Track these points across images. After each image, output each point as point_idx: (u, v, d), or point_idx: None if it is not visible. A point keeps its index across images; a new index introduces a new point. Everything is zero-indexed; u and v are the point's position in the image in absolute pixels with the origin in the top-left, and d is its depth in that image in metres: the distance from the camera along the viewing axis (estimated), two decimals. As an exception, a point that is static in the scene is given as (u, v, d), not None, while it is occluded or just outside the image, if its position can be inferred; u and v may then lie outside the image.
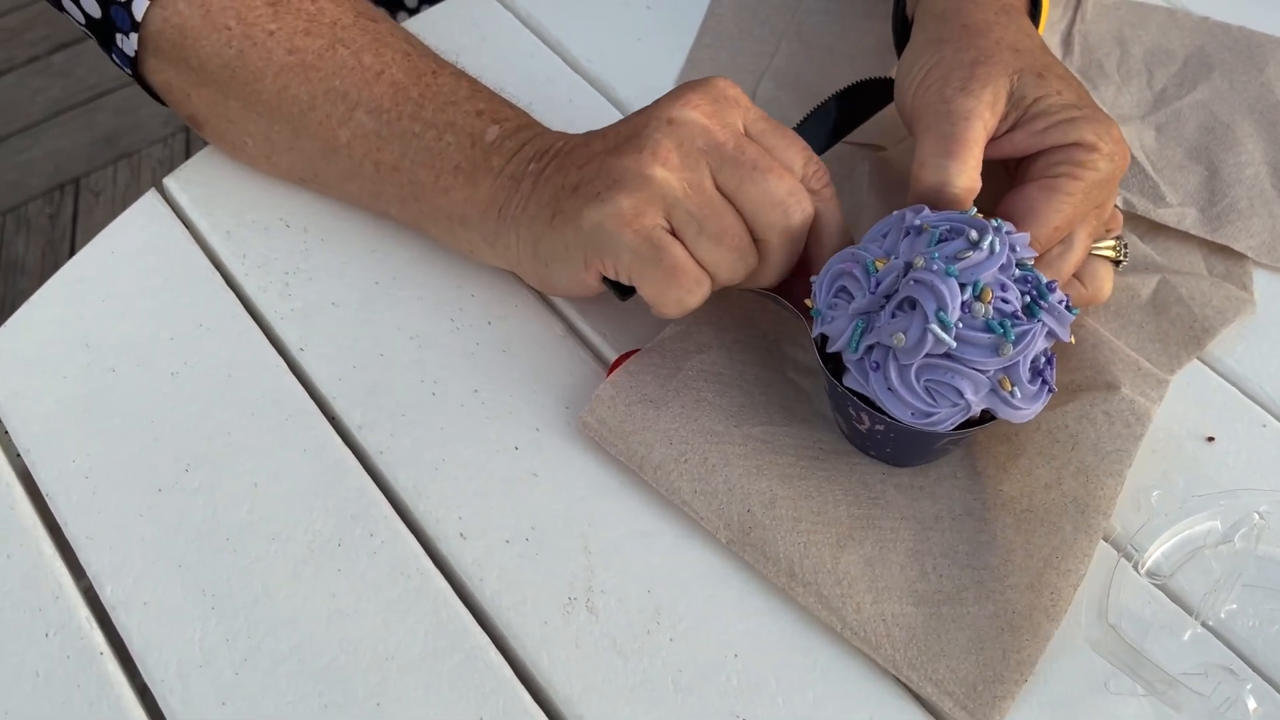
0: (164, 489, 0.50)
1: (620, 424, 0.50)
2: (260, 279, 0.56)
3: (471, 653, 0.46)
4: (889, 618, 0.46)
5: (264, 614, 0.47)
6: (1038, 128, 0.49)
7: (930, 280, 0.43)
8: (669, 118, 0.47)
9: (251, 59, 0.53)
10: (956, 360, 0.43)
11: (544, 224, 0.49)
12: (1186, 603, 0.47)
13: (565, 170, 0.49)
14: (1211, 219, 0.58)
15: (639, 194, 0.46)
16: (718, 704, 0.45)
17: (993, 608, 0.46)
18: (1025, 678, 0.45)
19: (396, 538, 0.49)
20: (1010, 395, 0.44)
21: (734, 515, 0.48)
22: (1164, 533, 0.48)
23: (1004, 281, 0.44)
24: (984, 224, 0.45)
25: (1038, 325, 0.44)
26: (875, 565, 0.47)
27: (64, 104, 1.80)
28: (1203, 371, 0.54)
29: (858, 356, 0.45)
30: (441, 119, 0.52)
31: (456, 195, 0.52)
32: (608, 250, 0.47)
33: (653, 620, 0.47)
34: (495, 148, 0.51)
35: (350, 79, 0.53)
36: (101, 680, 0.45)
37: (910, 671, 0.45)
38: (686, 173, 0.46)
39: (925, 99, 0.50)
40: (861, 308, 0.45)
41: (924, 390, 0.44)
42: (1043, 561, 0.47)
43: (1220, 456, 0.51)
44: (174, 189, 0.60)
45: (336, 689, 0.45)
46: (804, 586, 0.46)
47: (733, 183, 0.46)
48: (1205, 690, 0.42)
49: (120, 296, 0.56)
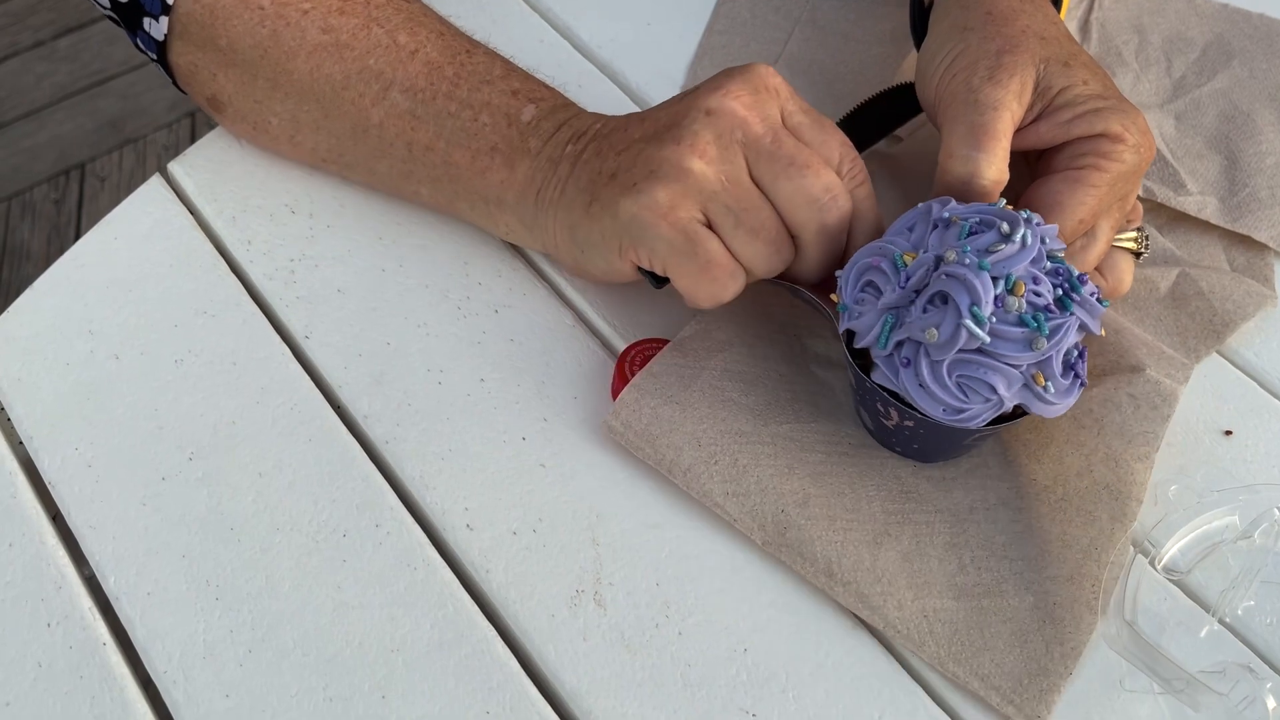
0: (167, 478, 0.49)
1: (646, 428, 0.49)
2: (265, 266, 0.56)
3: (478, 645, 0.45)
4: (930, 614, 0.45)
5: (268, 605, 0.46)
6: (1063, 118, 0.48)
7: (963, 274, 0.42)
8: (708, 108, 0.46)
9: (285, 38, 0.53)
10: (989, 355, 0.42)
11: (581, 211, 0.49)
12: (1204, 599, 0.46)
13: (603, 155, 0.49)
14: (1232, 208, 0.57)
15: (675, 186, 0.45)
16: (727, 699, 0.44)
17: (1033, 600, 0.45)
18: (1070, 670, 0.44)
19: (403, 529, 0.48)
20: (1044, 390, 0.43)
21: (768, 516, 0.47)
22: (1181, 528, 0.47)
23: (1036, 274, 0.43)
24: (1015, 216, 0.44)
25: (1070, 318, 0.43)
26: (913, 560, 0.46)
27: (69, 89, 1.79)
28: (1221, 365, 0.53)
29: (887, 352, 0.44)
30: (477, 98, 0.52)
31: (493, 177, 0.51)
32: (643, 242, 0.47)
33: (661, 614, 0.46)
34: (532, 128, 0.51)
35: (385, 58, 0.52)
36: (104, 671, 0.45)
37: (956, 667, 0.44)
38: (724, 165, 0.46)
39: (952, 88, 0.49)
40: (891, 303, 0.44)
41: (956, 386, 0.43)
42: (1081, 553, 0.46)
43: (1238, 450, 0.50)
44: (179, 174, 0.59)
45: (342, 681, 0.44)
46: (843, 586, 0.46)
47: (768, 177, 0.46)
48: (1223, 688, 0.41)
49: (124, 283, 0.55)
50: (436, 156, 0.52)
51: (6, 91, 1.79)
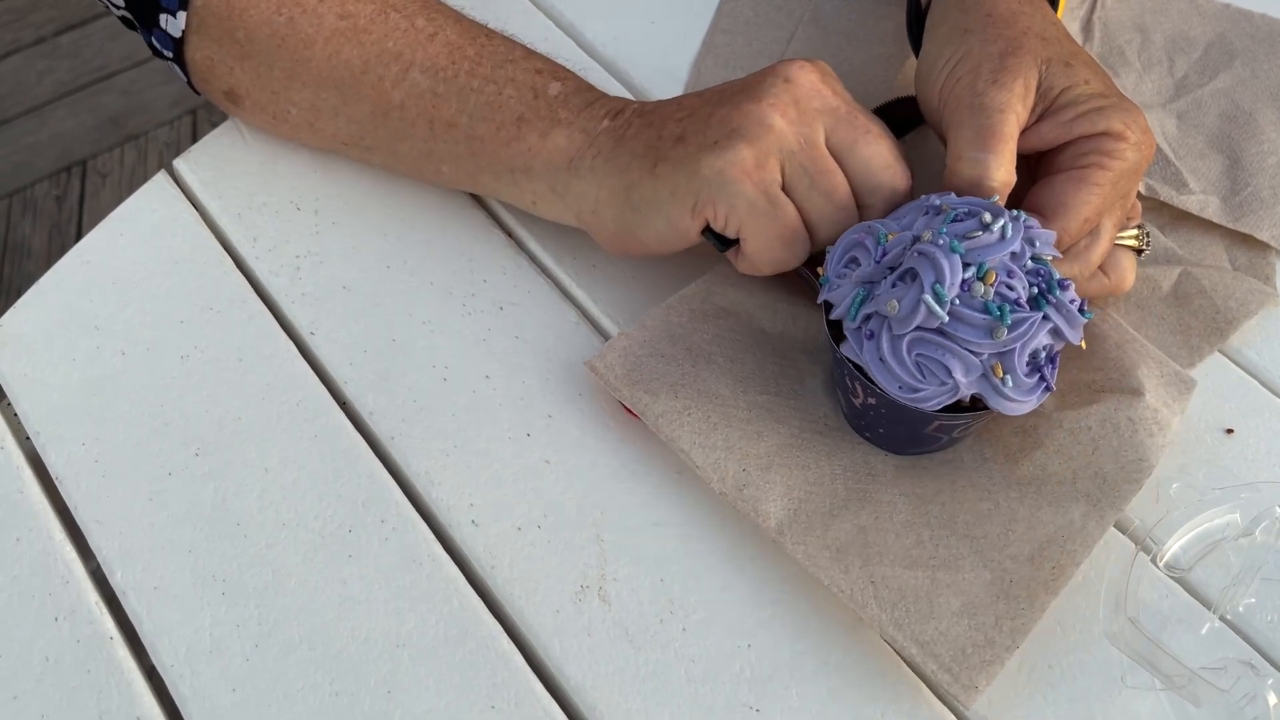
0: (174, 473, 0.49)
1: (628, 372, 0.50)
2: (271, 262, 0.56)
3: (483, 641, 0.46)
4: (878, 580, 0.45)
5: (274, 601, 0.46)
6: (1065, 118, 0.48)
7: (932, 253, 0.43)
8: (786, 76, 0.48)
9: (302, 26, 0.53)
10: (948, 337, 0.43)
11: (642, 172, 0.49)
12: (1205, 596, 0.47)
13: (659, 124, 0.49)
14: (1234, 208, 0.57)
15: (760, 143, 0.46)
16: (730, 695, 0.44)
17: (989, 576, 0.46)
18: (1017, 644, 0.44)
19: (408, 525, 0.48)
20: (1001, 383, 0.44)
21: (730, 470, 0.47)
22: (1183, 526, 0.47)
23: (1012, 269, 0.44)
24: (1000, 209, 0.45)
25: (1038, 316, 0.43)
26: (869, 533, 0.47)
27: (70, 86, 1.79)
28: (1222, 363, 0.53)
29: (855, 325, 0.45)
30: (500, 75, 0.52)
31: (520, 145, 0.52)
32: (724, 198, 0.47)
33: (665, 610, 0.46)
34: (561, 101, 0.52)
35: (404, 40, 0.53)
36: (111, 665, 0.45)
37: (895, 631, 0.44)
38: (803, 127, 0.47)
39: (956, 92, 0.49)
40: (865, 276, 0.45)
41: (914, 365, 0.44)
42: (1046, 538, 0.46)
43: (1240, 449, 0.51)
44: (184, 171, 0.59)
45: (347, 677, 0.45)
46: (793, 544, 0.46)
47: (847, 142, 0.48)
48: (1225, 685, 0.42)
49: (130, 279, 0.55)
50: (459, 132, 0.53)
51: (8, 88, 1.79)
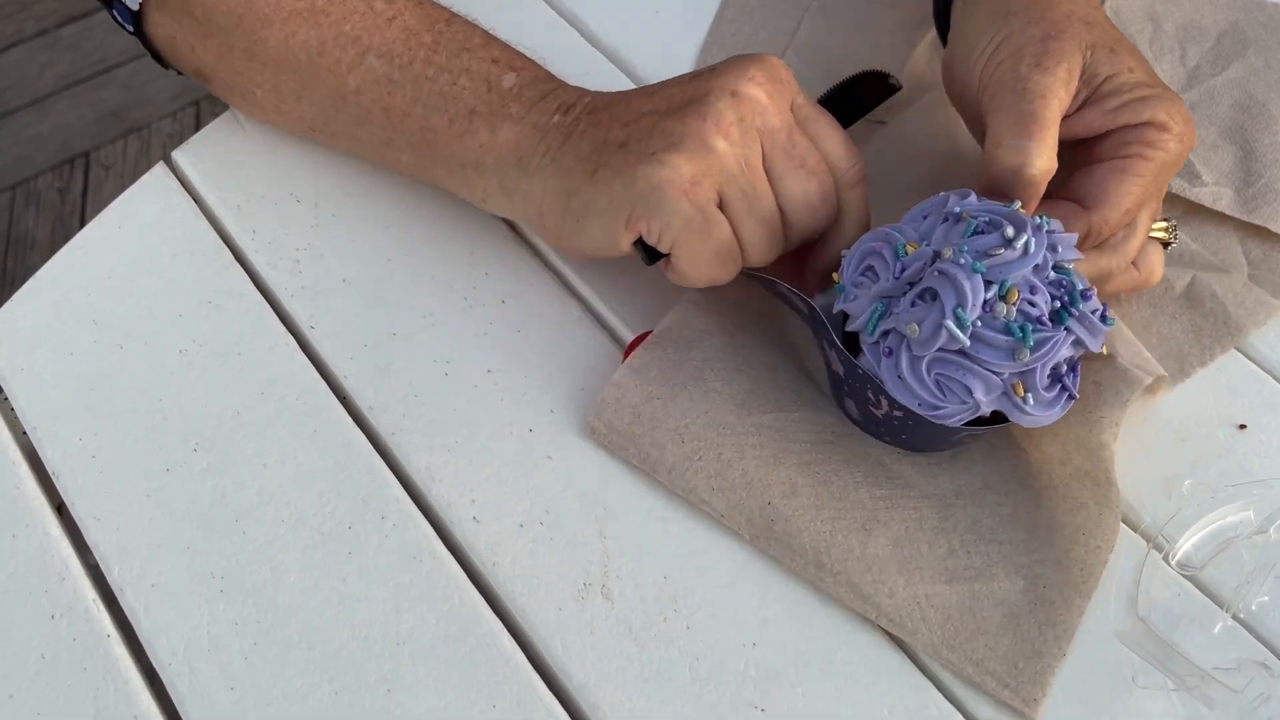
0: (172, 469, 0.49)
1: (628, 426, 0.49)
2: (270, 255, 0.55)
3: (484, 639, 0.45)
4: (923, 599, 0.45)
5: (273, 598, 0.46)
6: (1110, 106, 0.47)
7: (954, 274, 0.42)
8: (734, 90, 0.46)
9: (259, 6, 0.52)
10: (970, 359, 0.42)
11: (582, 178, 0.47)
12: (1218, 595, 0.46)
13: (607, 126, 0.48)
14: (1247, 200, 0.56)
15: (700, 162, 0.45)
16: (735, 694, 0.44)
17: (1023, 583, 0.45)
18: (1064, 651, 0.44)
19: (408, 521, 0.48)
20: (1022, 401, 0.43)
21: (755, 510, 0.47)
22: (1195, 523, 0.46)
23: (1034, 284, 0.43)
24: (1024, 220, 0.43)
25: (1062, 333, 0.42)
26: (903, 546, 0.46)
27: (72, 78, 1.79)
28: (1235, 358, 0.52)
29: (874, 339, 0.44)
30: (456, 64, 0.51)
31: (472, 140, 0.50)
32: (658, 213, 0.45)
33: (669, 607, 0.46)
34: (514, 95, 0.50)
35: (361, 23, 0.52)
36: (108, 663, 0.45)
37: (949, 654, 0.44)
38: (744, 149, 0.45)
39: (998, 76, 0.47)
40: (884, 290, 0.44)
41: (934, 384, 0.43)
42: (1069, 538, 0.46)
43: (1253, 444, 0.50)
44: (183, 163, 0.58)
45: (347, 675, 0.44)
46: (834, 576, 0.45)
47: (778, 171, 0.46)
48: (1238, 685, 0.41)
49: (128, 272, 0.55)
50: (414, 122, 0.51)
51: (10, 80, 1.78)
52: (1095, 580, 0.45)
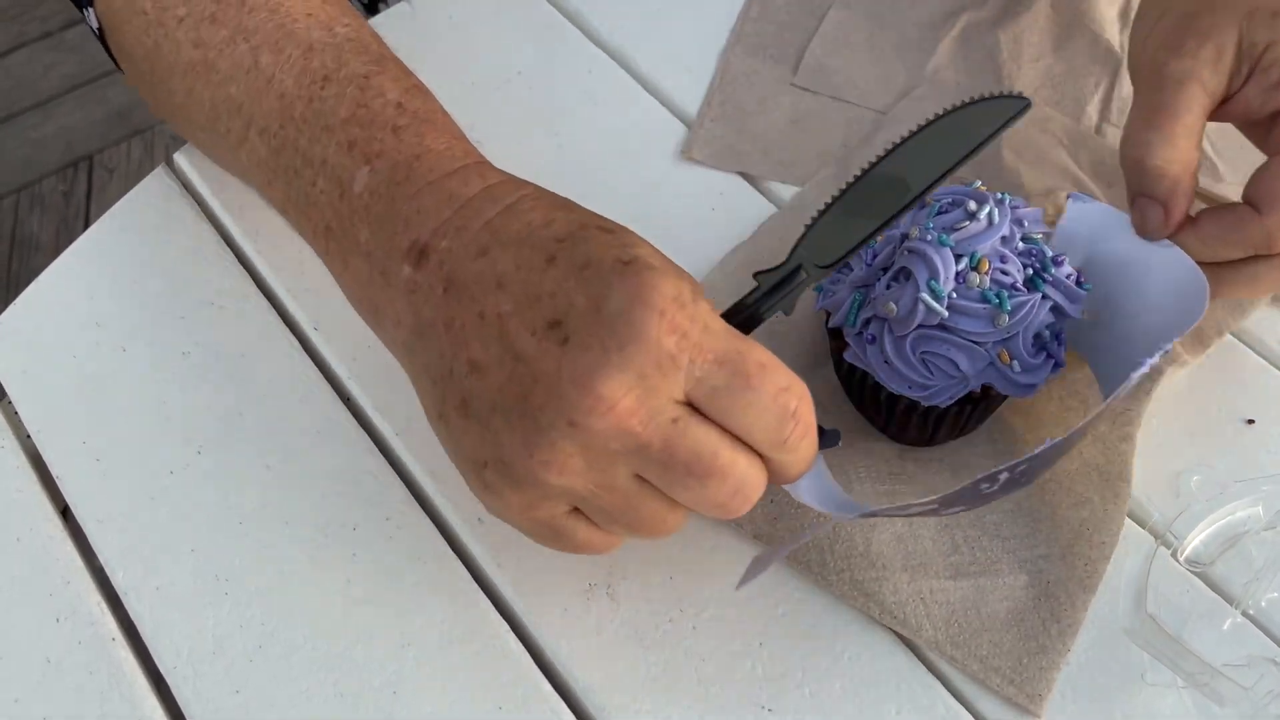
0: (176, 471, 0.49)
1: None
2: (273, 256, 0.55)
3: (490, 640, 0.45)
4: (927, 595, 0.45)
5: (278, 600, 0.46)
6: (1271, 80, 0.42)
7: (923, 250, 0.43)
8: (571, 419, 0.34)
9: (164, 52, 0.46)
10: (951, 331, 0.43)
11: (431, 409, 0.38)
12: (1227, 591, 0.46)
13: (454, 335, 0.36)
14: None
15: (529, 492, 0.36)
16: (742, 694, 0.43)
17: (1026, 578, 0.45)
18: (1069, 647, 0.44)
19: (413, 522, 0.48)
20: (1009, 369, 0.43)
21: (758, 508, 0.46)
22: (1204, 519, 0.46)
23: (1004, 253, 0.43)
24: (984, 195, 0.44)
25: (1038, 297, 0.43)
26: (907, 542, 0.46)
27: (77, 80, 1.79)
28: (1242, 353, 0.52)
29: (856, 330, 0.45)
30: (315, 153, 0.42)
31: (333, 266, 0.43)
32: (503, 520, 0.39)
33: (675, 608, 0.45)
34: (362, 208, 0.40)
35: (245, 85, 0.44)
36: (113, 666, 0.45)
37: (954, 650, 0.44)
38: (595, 474, 0.35)
39: (1140, 61, 0.44)
40: (859, 280, 0.45)
41: (920, 362, 0.43)
42: (1073, 533, 0.46)
43: (1261, 439, 0.49)
44: (184, 165, 0.58)
45: (352, 677, 0.44)
46: (837, 574, 0.45)
47: (662, 485, 0.36)
48: (1248, 682, 0.41)
49: (131, 275, 0.55)
50: (292, 223, 0.44)
51: (15, 82, 1.78)
52: (1100, 575, 0.45)
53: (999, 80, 0.61)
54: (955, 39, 0.64)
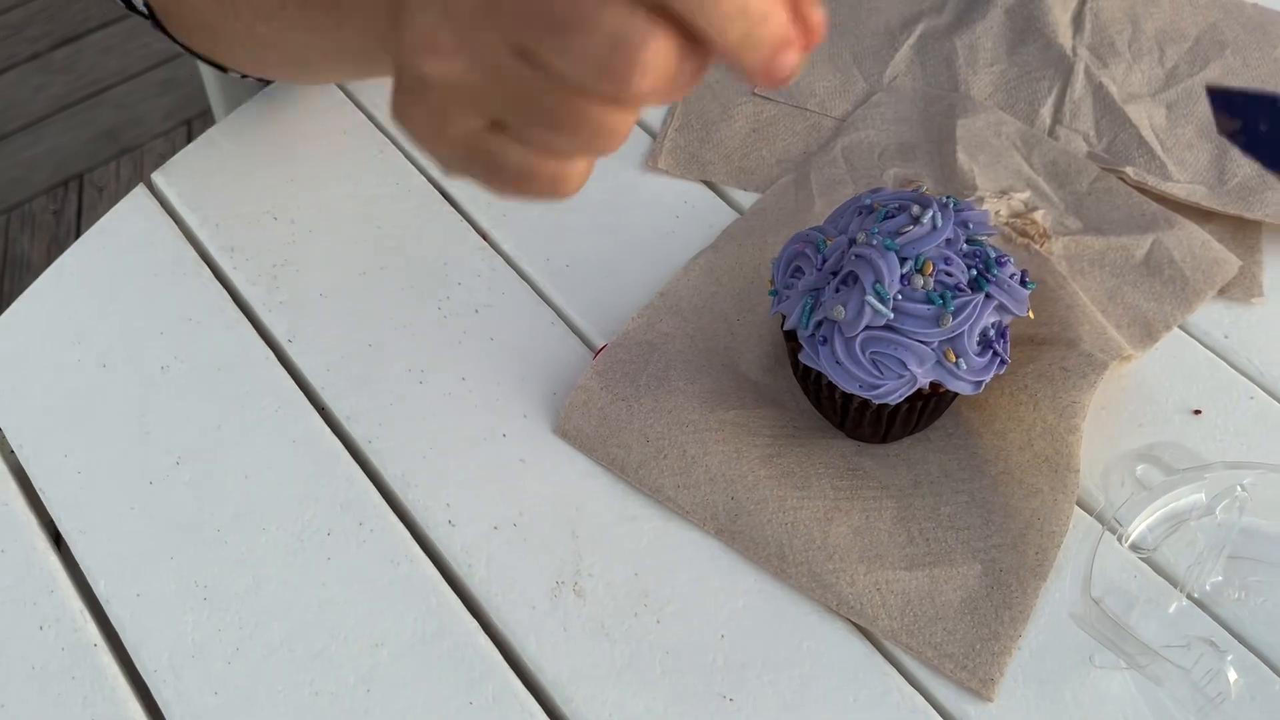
0: (155, 482, 0.50)
1: (596, 429, 0.50)
2: (249, 271, 0.57)
3: (461, 638, 0.46)
4: (883, 585, 0.46)
5: (255, 604, 0.47)
6: None
7: (869, 255, 0.44)
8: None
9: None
10: (898, 332, 0.44)
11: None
12: (1171, 575, 0.47)
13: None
14: (1220, 195, 0.58)
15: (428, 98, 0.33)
16: (705, 685, 0.45)
17: (980, 567, 0.47)
18: (1020, 633, 0.45)
19: (386, 526, 0.49)
20: (955, 366, 0.45)
21: (719, 504, 0.48)
22: (1148, 506, 0.47)
23: (948, 255, 0.45)
24: (928, 199, 0.46)
25: (980, 297, 0.44)
26: (864, 535, 0.47)
27: (65, 100, 1.81)
28: (1189, 344, 0.54)
29: (809, 333, 0.46)
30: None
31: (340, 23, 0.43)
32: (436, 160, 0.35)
33: (640, 603, 0.47)
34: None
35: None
36: (96, 672, 0.46)
37: (909, 639, 0.45)
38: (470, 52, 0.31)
39: None
40: (810, 285, 0.47)
41: (870, 362, 0.45)
42: (1024, 523, 0.47)
43: (1207, 429, 0.51)
44: (162, 184, 0.60)
45: (327, 677, 0.45)
46: (795, 567, 0.47)
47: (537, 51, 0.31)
48: (1187, 663, 0.42)
49: (110, 292, 0.56)
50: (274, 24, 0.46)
51: (4, 104, 1.80)
52: (1050, 563, 0.46)
53: (955, 86, 0.63)
54: (912, 46, 0.66)
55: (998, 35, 0.65)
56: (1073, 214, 0.57)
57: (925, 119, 0.61)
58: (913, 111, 0.62)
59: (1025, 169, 0.59)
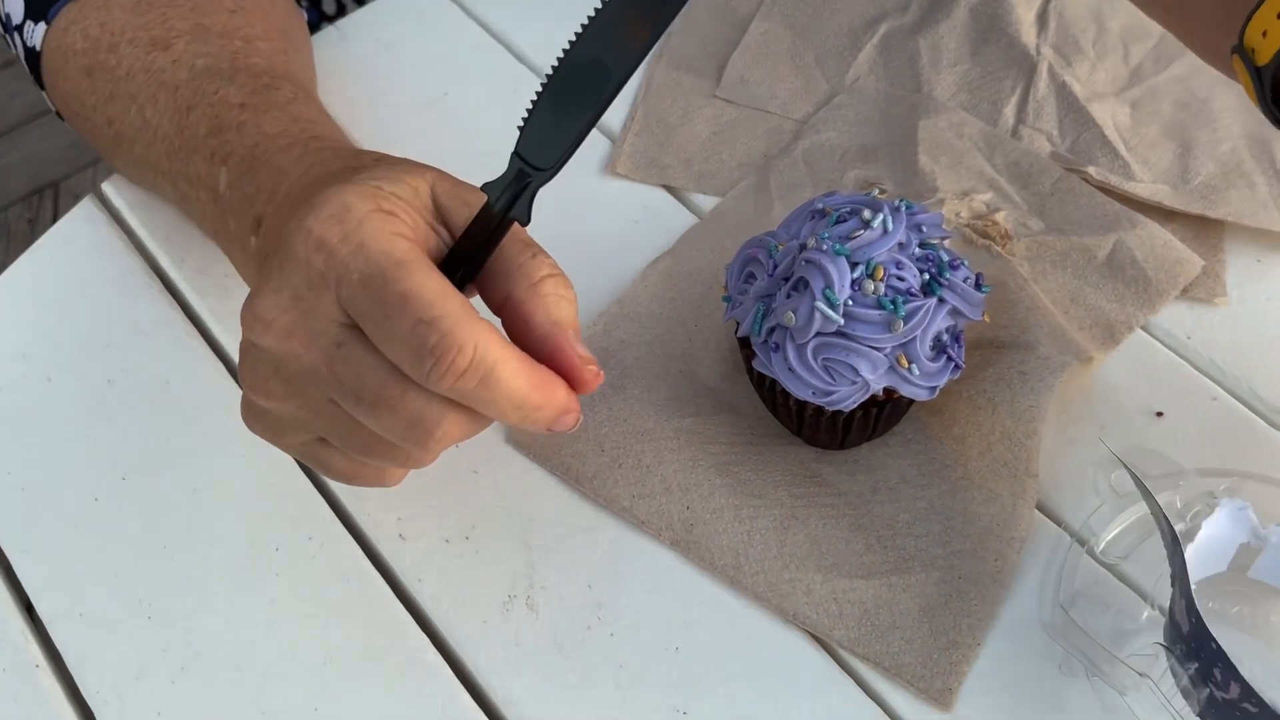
0: (100, 498, 0.49)
1: (550, 438, 0.49)
2: (198, 283, 0.56)
3: (410, 654, 0.45)
4: (840, 595, 0.45)
5: (202, 622, 0.46)
6: None
7: (819, 260, 0.44)
8: (248, 341, 0.36)
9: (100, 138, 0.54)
10: (850, 338, 0.43)
11: None
12: (1141, 586, 0.46)
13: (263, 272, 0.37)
14: (1184, 194, 0.57)
15: (263, 421, 0.39)
16: (659, 698, 0.44)
17: (939, 575, 0.46)
18: (980, 641, 0.44)
19: (336, 540, 0.48)
20: (908, 372, 0.44)
21: (675, 514, 0.47)
22: (1118, 515, 0.47)
23: (900, 260, 0.44)
24: (879, 203, 0.45)
25: (932, 302, 0.44)
26: (821, 543, 0.47)
27: (41, 107, 1.79)
28: (1151, 345, 0.53)
29: (761, 339, 0.46)
30: (193, 172, 0.48)
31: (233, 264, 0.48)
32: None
33: (593, 616, 0.46)
34: (228, 204, 0.45)
35: (143, 142, 0.51)
36: (37, 694, 0.45)
37: (865, 649, 0.44)
38: (296, 399, 0.37)
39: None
40: (762, 290, 0.46)
41: (823, 369, 0.44)
42: (984, 529, 0.47)
43: (1169, 431, 0.50)
44: (111, 194, 0.59)
45: (274, 695, 0.45)
46: (751, 577, 0.46)
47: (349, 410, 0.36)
48: (1155, 673, 0.41)
49: (57, 304, 0.55)
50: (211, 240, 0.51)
51: (-21, 113, 1.79)
52: (1011, 570, 0.46)
53: (918, 86, 0.62)
54: (876, 46, 0.65)
55: (961, 34, 0.65)
56: (1035, 215, 0.57)
57: (887, 120, 0.61)
58: (875, 113, 0.61)
59: (987, 170, 0.58)
